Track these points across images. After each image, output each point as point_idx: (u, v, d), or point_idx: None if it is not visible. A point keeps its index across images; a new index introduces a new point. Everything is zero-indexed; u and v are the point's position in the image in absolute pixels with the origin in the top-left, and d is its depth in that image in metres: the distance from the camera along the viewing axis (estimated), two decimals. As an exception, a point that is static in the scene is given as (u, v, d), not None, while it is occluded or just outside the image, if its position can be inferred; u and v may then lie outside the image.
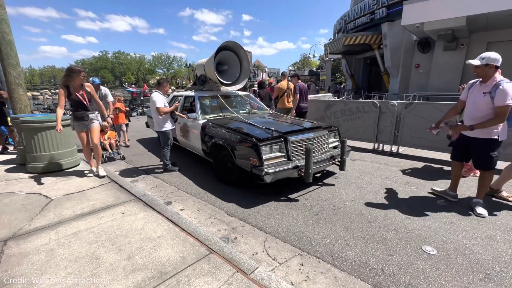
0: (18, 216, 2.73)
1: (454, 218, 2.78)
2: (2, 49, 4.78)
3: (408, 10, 10.16)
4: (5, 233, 2.39)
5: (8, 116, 5.23)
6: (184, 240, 2.29)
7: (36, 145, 4.00)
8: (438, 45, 11.43)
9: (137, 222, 2.61)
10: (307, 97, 6.45)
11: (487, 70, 2.67)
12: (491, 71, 2.66)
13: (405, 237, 2.45)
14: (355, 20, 16.45)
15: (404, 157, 5.15)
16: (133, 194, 3.27)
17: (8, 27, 4.78)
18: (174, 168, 4.48)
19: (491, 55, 2.64)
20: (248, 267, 1.91)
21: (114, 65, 64.50)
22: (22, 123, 4.01)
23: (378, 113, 5.53)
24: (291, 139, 3.40)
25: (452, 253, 2.21)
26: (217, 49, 4.72)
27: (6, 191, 3.38)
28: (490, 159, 2.80)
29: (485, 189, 2.99)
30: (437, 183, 3.77)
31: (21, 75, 5.10)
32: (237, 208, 3.11)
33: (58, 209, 2.89)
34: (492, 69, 2.66)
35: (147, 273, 1.87)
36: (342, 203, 3.16)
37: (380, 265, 2.09)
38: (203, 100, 4.85)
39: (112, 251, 2.13)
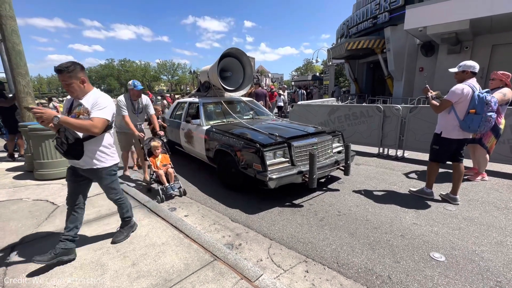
0: (25, 222, 2.76)
1: (463, 224, 2.73)
2: (12, 59, 4.90)
3: (411, 14, 10.18)
4: (13, 239, 2.42)
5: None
6: (189, 247, 2.28)
7: (43, 152, 4.07)
8: (441, 48, 11.39)
9: (141, 228, 2.62)
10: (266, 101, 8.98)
11: (463, 76, 3.02)
12: (467, 76, 2.99)
13: (412, 244, 2.40)
14: (358, 25, 16.51)
15: (410, 162, 5.09)
16: (138, 201, 3.29)
17: (18, 38, 4.91)
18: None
19: (467, 63, 3.00)
20: (252, 274, 1.90)
21: (120, 72, 65.58)
22: (30, 131, 4.09)
23: (382, 117, 5.50)
24: (295, 144, 3.40)
25: (461, 260, 2.16)
26: (221, 56, 4.78)
27: (14, 198, 3.42)
28: (431, 150, 3.30)
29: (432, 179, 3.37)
30: (443, 186, 3.71)
31: (29, 84, 5.21)
32: (241, 214, 3.10)
33: (64, 215, 2.90)
34: (468, 75, 2.99)
35: (151, 280, 1.87)
36: (347, 209, 3.13)
37: (387, 272, 2.05)
38: (207, 106, 4.89)
39: (117, 258, 2.14)
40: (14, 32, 4.85)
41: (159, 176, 3.56)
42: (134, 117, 4.01)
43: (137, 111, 4.06)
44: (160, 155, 3.81)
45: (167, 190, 3.50)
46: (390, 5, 13.60)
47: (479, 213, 2.95)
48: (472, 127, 2.89)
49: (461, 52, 10.89)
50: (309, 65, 60.86)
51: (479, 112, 2.82)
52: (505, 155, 4.18)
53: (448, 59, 11.27)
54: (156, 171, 3.61)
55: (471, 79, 2.98)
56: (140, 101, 4.07)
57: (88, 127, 1.87)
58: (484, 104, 2.80)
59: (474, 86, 2.91)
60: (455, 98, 2.91)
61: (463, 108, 2.92)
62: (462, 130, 2.97)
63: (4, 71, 7.51)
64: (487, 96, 2.81)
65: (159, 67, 70.35)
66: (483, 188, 3.66)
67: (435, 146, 3.22)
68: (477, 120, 2.84)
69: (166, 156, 3.90)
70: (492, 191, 3.55)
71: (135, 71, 66.52)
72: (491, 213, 2.93)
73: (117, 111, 3.47)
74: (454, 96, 2.92)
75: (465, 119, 2.91)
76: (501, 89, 3.58)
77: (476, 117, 2.84)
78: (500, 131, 3.67)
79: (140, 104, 4.08)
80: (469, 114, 2.88)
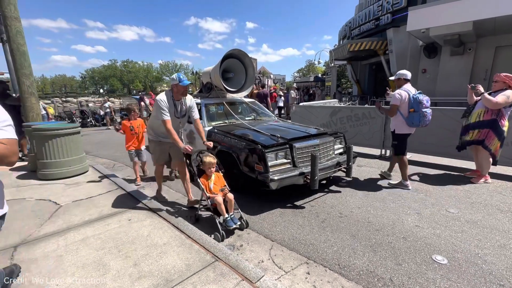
0: (28, 222, 2.78)
1: (465, 227, 2.71)
2: (17, 60, 4.96)
3: (414, 15, 10.15)
4: (16, 239, 2.44)
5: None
6: (190, 247, 2.29)
7: (46, 152, 4.10)
8: (444, 50, 11.34)
9: (143, 228, 2.63)
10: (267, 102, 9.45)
11: (400, 82, 3.75)
12: (403, 83, 3.72)
13: (414, 246, 2.39)
14: (360, 26, 16.51)
15: (412, 163, 5.06)
16: (140, 201, 3.30)
17: (22, 39, 4.97)
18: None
19: (401, 72, 3.78)
20: (253, 275, 1.90)
21: (123, 73, 65.95)
22: (34, 131, 4.12)
23: (384, 119, 5.49)
24: (297, 145, 3.40)
25: (463, 263, 2.14)
26: (223, 57, 4.80)
27: (17, 197, 3.45)
28: (393, 146, 3.92)
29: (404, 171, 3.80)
30: (446, 189, 3.69)
31: (33, 85, 5.26)
32: (243, 215, 3.09)
33: (66, 215, 2.94)
34: (403, 81, 3.72)
35: (153, 281, 1.87)
36: (349, 211, 3.12)
37: (389, 274, 2.04)
38: (209, 107, 4.90)
39: (119, 258, 2.15)
40: (18, 33, 4.91)
41: (218, 205, 2.62)
42: (175, 122, 3.09)
43: (180, 113, 3.11)
44: (214, 174, 2.89)
45: (227, 223, 2.62)
46: (392, 6, 13.60)
47: (482, 215, 2.93)
48: (415, 123, 3.56)
49: (464, 54, 10.84)
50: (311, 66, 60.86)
51: (417, 110, 3.49)
52: (509, 157, 4.15)
53: (451, 61, 11.22)
54: (213, 198, 2.66)
55: (406, 84, 3.68)
56: (184, 101, 3.12)
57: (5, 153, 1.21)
58: (418, 103, 3.47)
59: (409, 90, 3.60)
60: (397, 102, 3.58)
61: (405, 108, 3.58)
62: (408, 126, 3.64)
63: (8, 71, 7.60)
64: (419, 97, 3.49)
65: (161, 68, 70.66)
66: (486, 190, 3.64)
67: (395, 142, 3.83)
68: (417, 117, 3.51)
69: (219, 175, 2.94)
70: (495, 193, 3.53)
71: (137, 72, 66.89)
72: (494, 216, 2.91)
73: (156, 113, 2.88)
74: (396, 100, 3.59)
75: (408, 117, 3.58)
76: (504, 91, 3.56)
77: (415, 114, 3.52)
78: (504, 134, 3.65)
79: (184, 105, 3.12)
80: (410, 112, 3.55)
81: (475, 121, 3.77)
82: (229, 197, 2.73)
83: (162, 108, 2.85)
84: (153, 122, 3.16)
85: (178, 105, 3.06)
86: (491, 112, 3.63)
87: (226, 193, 2.76)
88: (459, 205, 3.20)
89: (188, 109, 3.17)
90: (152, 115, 3.19)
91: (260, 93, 9.68)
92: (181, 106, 3.10)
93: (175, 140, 2.86)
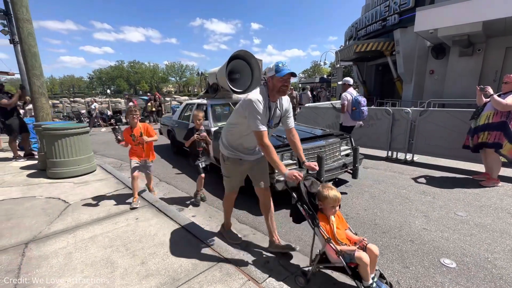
0: (38, 219, 2.84)
1: (474, 230, 2.67)
2: (28, 61, 5.07)
3: (421, 16, 10.04)
4: (27, 236, 2.49)
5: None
6: (196, 247, 2.31)
7: (56, 151, 4.18)
8: (453, 50, 11.17)
9: (150, 228, 2.66)
10: None
11: (345, 87, 4.92)
12: (347, 87, 4.90)
13: (422, 249, 2.37)
14: (367, 27, 16.38)
15: (420, 166, 5.01)
16: (147, 200, 3.34)
17: (33, 40, 5.08)
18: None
19: (346, 78, 5.01)
20: (259, 276, 1.90)
21: (129, 74, 66.78)
22: (44, 130, 4.21)
23: (391, 120, 5.44)
24: (303, 147, 3.38)
25: (472, 267, 2.11)
26: (229, 58, 4.82)
27: (28, 195, 3.53)
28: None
29: None
30: (454, 192, 3.64)
31: (44, 85, 5.36)
32: (248, 216, 3.11)
33: (75, 213, 2.99)
34: (347, 86, 4.90)
35: (160, 279, 1.89)
36: (355, 212, 3.10)
37: (396, 277, 2.02)
38: (215, 108, 4.94)
39: (127, 256, 2.17)
40: (30, 35, 5.02)
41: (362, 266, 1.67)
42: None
43: (273, 122, 2.14)
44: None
45: None
46: (400, 7, 13.46)
47: (492, 219, 2.88)
48: (356, 118, 4.79)
49: (473, 55, 10.67)
50: (317, 67, 60.64)
51: (357, 108, 4.70)
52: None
53: (459, 62, 11.05)
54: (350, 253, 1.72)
55: (349, 88, 4.87)
56: (280, 103, 2.14)
57: None
58: (358, 103, 4.68)
59: (352, 93, 4.82)
60: (345, 102, 4.80)
61: (350, 107, 4.79)
62: (352, 120, 4.87)
63: (19, 72, 7.78)
64: (358, 98, 4.71)
65: (167, 68, 71.34)
66: (496, 194, 3.57)
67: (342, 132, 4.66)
68: (358, 113, 4.72)
69: (338, 213, 2.00)
70: (505, 197, 3.46)
71: (144, 72, 67.65)
72: (504, 220, 2.86)
73: (248, 120, 1.95)
74: (344, 100, 4.82)
75: (352, 114, 4.80)
76: None
77: (356, 112, 4.74)
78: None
79: (279, 109, 2.14)
80: (353, 110, 4.77)
81: (484, 123, 3.71)
82: (373, 250, 1.76)
83: (258, 113, 1.92)
84: (233, 131, 2.19)
85: (273, 109, 2.08)
86: (500, 114, 3.57)
87: (366, 244, 1.80)
88: (467, 208, 3.15)
89: (283, 114, 2.20)
90: (232, 121, 2.21)
91: None
92: (275, 111, 2.11)
93: (275, 162, 1.96)
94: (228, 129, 2.26)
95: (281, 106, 2.16)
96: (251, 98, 1.93)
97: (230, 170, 2.30)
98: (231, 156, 2.24)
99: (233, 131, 2.19)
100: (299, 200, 1.93)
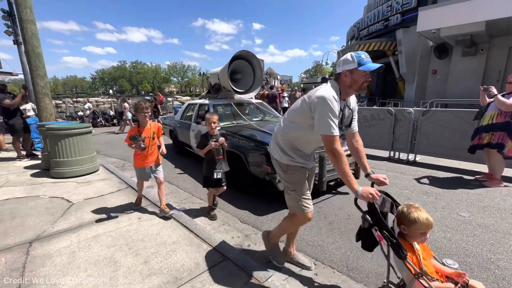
0: (42, 218, 2.86)
1: (477, 231, 2.66)
2: (32, 61, 5.11)
3: (424, 16, 10.01)
4: (31, 235, 2.52)
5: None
6: (199, 246, 2.32)
7: (59, 151, 4.21)
8: (456, 50, 11.13)
9: (153, 227, 2.67)
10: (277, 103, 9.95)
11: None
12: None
13: (424, 249, 2.36)
14: (369, 27, 16.37)
15: (422, 166, 4.99)
16: (149, 200, 3.36)
17: (37, 41, 5.13)
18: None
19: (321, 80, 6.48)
20: (262, 275, 1.91)
21: (132, 74, 67.05)
22: (47, 130, 4.24)
23: (393, 121, 5.43)
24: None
25: (475, 268, 2.10)
26: (231, 58, 4.84)
27: (32, 195, 3.56)
28: None
29: None
30: (457, 192, 3.62)
31: (47, 85, 5.41)
32: (250, 216, 3.12)
33: (78, 213, 3.01)
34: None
35: (162, 278, 1.91)
36: (357, 213, 3.09)
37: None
38: (217, 108, 4.95)
39: (130, 255, 2.19)
40: (34, 36, 5.07)
41: None
42: None
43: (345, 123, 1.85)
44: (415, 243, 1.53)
45: None
46: (402, 7, 13.43)
47: (495, 220, 2.86)
48: None
49: (476, 55, 10.62)
50: (319, 67, 60.56)
51: None
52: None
53: (462, 62, 11.01)
54: None
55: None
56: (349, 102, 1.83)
57: None
58: None
59: None
60: None
61: None
62: None
63: (22, 72, 7.84)
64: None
65: (169, 69, 71.53)
66: (499, 194, 3.56)
67: None
68: None
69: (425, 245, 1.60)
70: (508, 197, 3.44)
71: (146, 73, 67.89)
72: (507, 220, 2.84)
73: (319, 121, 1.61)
74: None
75: None
76: None
77: None
78: None
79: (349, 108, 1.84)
80: None
81: (488, 123, 3.70)
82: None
83: (334, 113, 1.58)
84: (291, 133, 1.82)
85: (344, 109, 1.78)
86: (504, 114, 3.55)
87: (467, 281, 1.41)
88: (470, 209, 3.13)
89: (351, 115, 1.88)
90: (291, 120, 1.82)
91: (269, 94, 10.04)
92: (345, 110, 1.79)
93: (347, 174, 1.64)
94: (284, 130, 1.86)
95: (350, 105, 1.82)
96: (324, 95, 1.58)
97: (296, 180, 1.84)
98: (292, 163, 1.83)
99: (291, 133, 1.82)
100: (376, 224, 1.55)
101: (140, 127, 2.86)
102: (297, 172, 1.84)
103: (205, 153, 2.88)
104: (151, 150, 2.92)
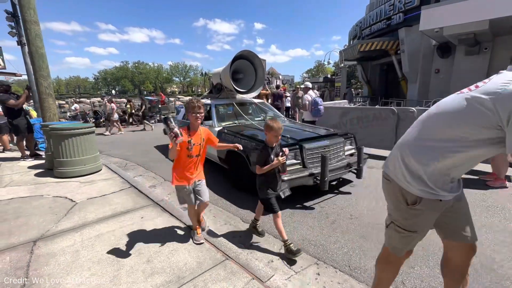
0: (46, 218, 2.89)
1: (481, 231, 2.64)
2: (35, 62, 5.15)
3: (427, 15, 9.96)
4: (35, 234, 2.54)
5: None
6: (201, 246, 2.32)
7: (62, 151, 4.24)
8: (459, 49, 11.06)
9: (155, 226, 2.68)
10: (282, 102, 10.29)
11: (306, 90, 6.19)
12: (307, 90, 6.15)
13: (427, 249, 2.35)
14: (371, 26, 16.30)
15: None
16: (152, 199, 3.38)
17: (41, 42, 5.16)
18: None
19: (306, 83, 6.39)
20: (264, 275, 1.91)
21: (134, 74, 67.30)
22: (51, 130, 4.27)
23: (396, 120, 5.40)
24: (307, 146, 3.39)
25: (479, 268, 2.09)
26: (233, 58, 4.84)
27: (35, 194, 3.59)
28: None
29: None
30: (461, 193, 3.60)
31: (51, 86, 5.44)
32: (252, 215, 3.11)
33: (82, 212, 3.03)
34: (306, 89, 6.20)
35: (165, 277, 1.91)
36: (359, 212, 3.09)
37: (401, 277, 2.01)
38: (219, 108, 4.96)
39: (132, 254, 2.20)
40: (37, 36, 5.10)
41: None
42: None
43: None
44: None
45: None
46: (404, 5, 13.36)
47: (499, 220, 2.84)
48: (316, 115, 5.89)
49: (480, 53, 10.55)
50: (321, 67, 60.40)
51: (315, 107, 5.83)
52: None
53: (466, 61, 10.93)
54: None
55: (309, 91, 6.11)
56: None
57: None
58: (316, 104, 5.81)
59: (312, 95, 6.00)
60: (307, 101, 5.93)
61: (310, 106, 5.90)
62: (312, 116, 5.96)
63: (26, 73, 7.90)
64: (316, 99, 5.85)
65: (171, 69, 71.69)
66: (503, 194, 3.53)
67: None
68: (317, 111, 5.83)
69: None
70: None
71: (148, 73, 68.08)
72: (511, 220, 2.82)
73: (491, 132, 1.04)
74: (306, 101, 5.96)
75: (312, 111, 5.91)
76: None
77: (315, 110, 5.84)
78: None
79: None
80: (313, 109, 5.86)
81: None
82: None
83: None
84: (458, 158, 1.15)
85: None
86: None
87: None
88: (474, 209, 3.11)
89: None
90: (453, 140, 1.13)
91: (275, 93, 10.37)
92: None
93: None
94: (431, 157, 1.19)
95: None
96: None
97: (422, 219, 1.31)
98: (427, 195, 1.23)
99: (450, 159, 1.15)
100: None
101: (191, 131, 2.26)
102: (430, 207, 1.25)
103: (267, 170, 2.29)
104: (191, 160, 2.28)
